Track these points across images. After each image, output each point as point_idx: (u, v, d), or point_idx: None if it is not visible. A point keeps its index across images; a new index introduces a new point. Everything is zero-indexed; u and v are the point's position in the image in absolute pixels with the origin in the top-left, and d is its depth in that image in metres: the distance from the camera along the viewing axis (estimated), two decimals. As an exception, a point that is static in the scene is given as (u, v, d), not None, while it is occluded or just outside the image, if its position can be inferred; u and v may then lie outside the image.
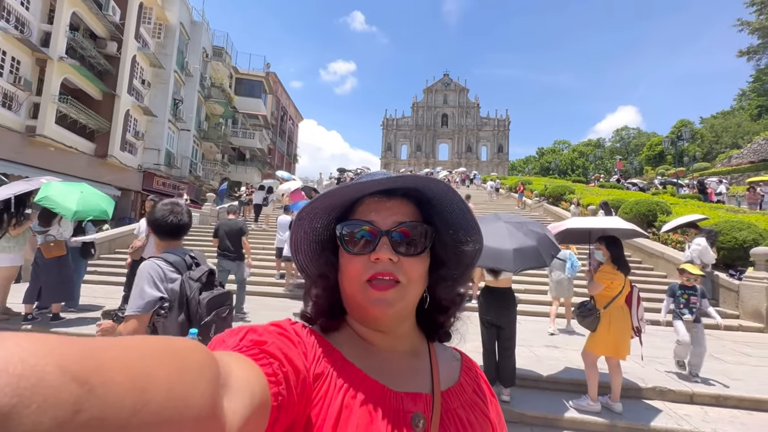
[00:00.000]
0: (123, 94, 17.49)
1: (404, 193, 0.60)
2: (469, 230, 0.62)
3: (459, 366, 0.64)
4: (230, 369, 0.36)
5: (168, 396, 0.26)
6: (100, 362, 0.23)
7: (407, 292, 0.55)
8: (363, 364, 0.53)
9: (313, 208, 0.59)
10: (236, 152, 31.60)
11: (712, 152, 41.80)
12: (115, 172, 17.63)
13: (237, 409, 0.33)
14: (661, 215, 10.67)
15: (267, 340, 0.46)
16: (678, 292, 4.40)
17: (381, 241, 0.55)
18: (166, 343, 0.30)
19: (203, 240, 11.96)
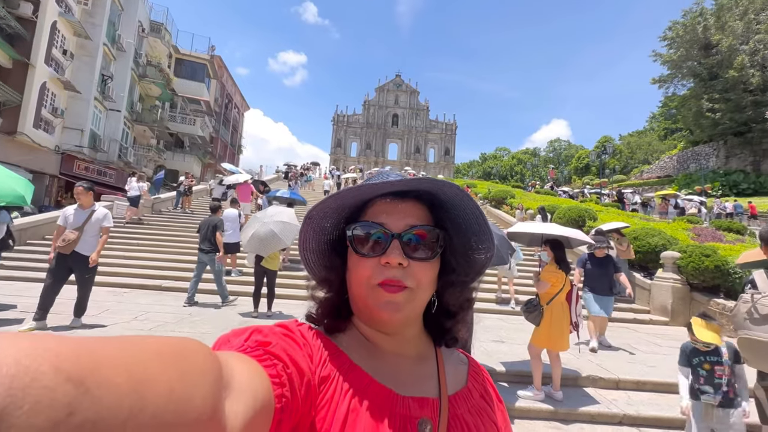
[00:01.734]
0: (39, 64, 15.37)
1: (417, 195, 0.59)
2: (482, 236, 0.61)
3: (466, 370, 0.64)
4: (233, 370, 0.35)
5: (168, 398, 0.25)
6: (97, 362, 0.23)
7: (416, 296, 0.55)
8: (370, 368, 0.53)
9: (323, 208, 0.57)
10: (174, 139, 29.24)
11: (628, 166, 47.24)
12: (26, 152, 15.44)
13: (239, 411, 0.33)
14: (589, 221, 11.83)
15: (272, 341, 0.45)
16: (694, 360, 2.69)
17: (392, 245, 0.54)
18: (168, 343, 0.29)
19: (136, 232, 10.92)
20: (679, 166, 32.19)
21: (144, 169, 23.94)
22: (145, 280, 7.69)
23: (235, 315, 6.00)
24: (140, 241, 10.25)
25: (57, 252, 4.55)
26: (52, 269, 4.57)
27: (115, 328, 4.78)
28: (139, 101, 24.50)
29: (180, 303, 6.42)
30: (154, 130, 25.42)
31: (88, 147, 18.57)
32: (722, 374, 2.56)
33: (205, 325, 5.24)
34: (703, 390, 2.60)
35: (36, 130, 15.69)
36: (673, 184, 28.45)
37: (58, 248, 4.52)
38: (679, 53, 29.74)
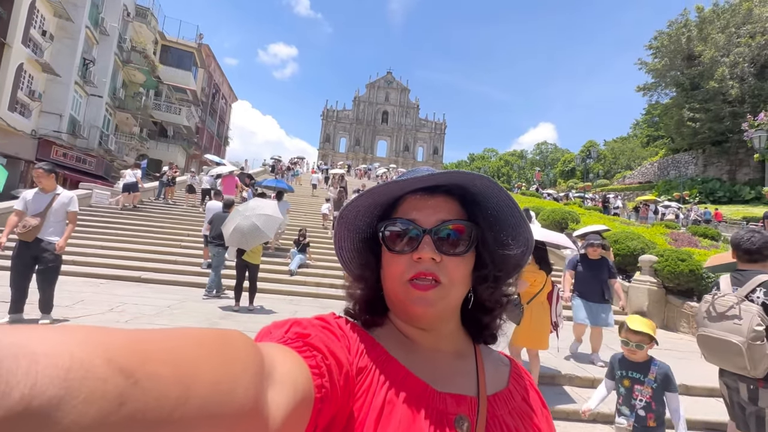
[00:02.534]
0: (16, 44, 14.76)
1: (447, 190, 0.58)
2: (518, 230, 0.60)
3: (508, 371, 0.62)
4: (274, 361, 0.36)
5: (212, 390, 0.26)
6: (146, 354, 0.24)
7: (449, 292, 0.54)
8: (406, 361, 0.52)
9: (355, 206, 0.58)
10: (158, 127, 28.54)
11: (611, 171, 48.35)
12: (1, 136, 14.83)
13: (281, 402, 0.33)
14: (571, 223, 12.07)
15: (311, 333, 0.46)
16: (618, 372, 2.36)
17: (424, 241, 0.54)
18: (212, 334, 0.30)
19: (114, 222, 10.62)
20: (660, 173, 33.11)
21: (126, 158, 23.32)
22: (123, 271, 7.50)
23: (216, 308, 5.91)
24: (119, 231, 9.99)
25: (18, 240, 4.24)
26: (15, 260, 4.25)
27: (89, 319, 4.64)
28: (122, 87, 23.80)
29: (161, 295, 6.29)
30: (138, 117, 24.74)
31: (67, 133, 17.96)
32: (639, 395, 2.21)
33: (184, 318, 5.14)
34: (620, 411, 2.31)
35: (11, 113, 15.09)
36: (654, 189, 29.26)
37: (19, 235, 4.18)
38: (663, 62, 30.48)
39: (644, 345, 2.28)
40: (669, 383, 2.24)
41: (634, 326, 2.29)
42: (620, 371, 2.35)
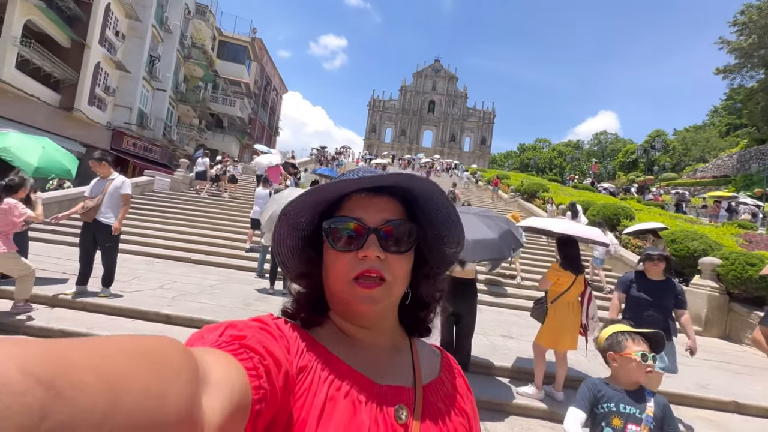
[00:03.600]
0: (94, 45, 16.37)
1: (391, 190, 0.60)
2: (453, 229, 0.63)
3: (439, 362, 0.66)
4: (209, 365, 0.36)
5: (143, 396, 0.25)
6: (68, 364, 0.22)
7: (392, 289, 0.56)
8: (347, 358, 0.54)
9: (299, 203, 0.58)
10: (214, 119, 30.43)
11: (681, 164, 43.83)
12: (81, 127, 16.64)
13: (216, 406, 0.33)
14: (624, 220, 11.18)
15: (247, 334, 0.45)
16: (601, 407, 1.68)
17: (369, 239, 0.55)
18: (141, 341, 0.29)
19: (172, 207, 11.59)
20: (740, 166, 29.40)
21: (186, 147, 25.20)
22: (176, 252, 8.17)
23: (253, 291, 6.27)
24: (176, 214, 10.87)
25: (82, 221, 4.78)
26: (80, 238, 4.84)
27: (142, 294, 5.14)
28: (184, 82, 25.60)
29: (206, 275, 6.79)
30: (197, 110, 26.55)
31: (135, 124, 19.74)
32: None
33: (223, 298, 5.52)
34: None
35: (90, 107, 16.85)
36: (730, 185, 26.12)
37: (80, 216, 4.71)
38: (750, 40, 26.77)
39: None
40: (670, 421, 1.64)
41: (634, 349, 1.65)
42: (606, 405, 1.64)
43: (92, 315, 4.38)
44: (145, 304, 4.66)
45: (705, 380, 4.57)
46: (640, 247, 9.80)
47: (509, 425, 3.34)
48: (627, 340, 1.66)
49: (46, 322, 3.97)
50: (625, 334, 1.69)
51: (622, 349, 1.66)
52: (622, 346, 1.66)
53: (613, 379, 1.73)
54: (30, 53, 13.51)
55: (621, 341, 1.67)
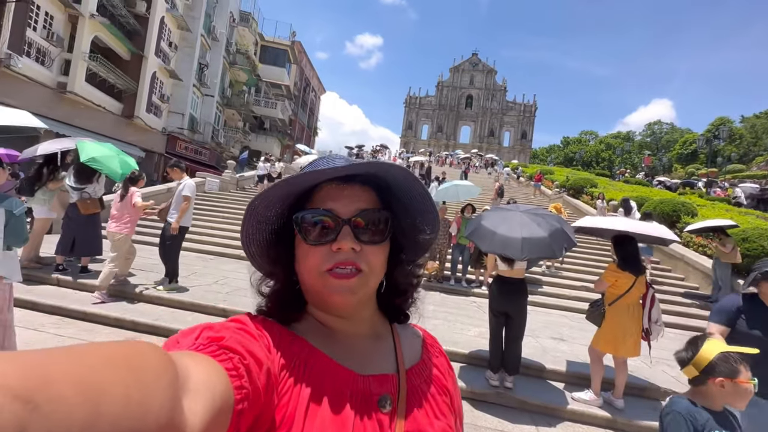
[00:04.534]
0: (150, 56, 17.60)
1: (363, 179, 0.58)
2: (427, 216, 0.62)
3: (421, 343, 0.66)
4: (188, 369, 0.35)
5: (124, 405, 0.25)
6: (45, 377, 0.22)
7: (369, 280, 0.55)
8: (329, 351, 0.53)
9: (267, 197, 0.55)
10: (257, 121, 31.71)
11: (749, 154, 39.78)
12: (140, 133, 18.00)
13: (197, 410, 0.33)
14: (685, 216, 10.34)
15: (224, 335, 0.45)
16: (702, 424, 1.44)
17: (343, 231, 0.54)
18: (118, 349, 0.29)
19: (222, 206, 12.24)
20: (823, 155, 26.19)
21: (232, 150, 26.47)
22: (227, 249, 8.63)
23: (300, 287, 6.49)
24: (225, 214, 11.48)
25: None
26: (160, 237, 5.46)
27: (200, 288, 5.49)
28: (229, 87, 26.87)
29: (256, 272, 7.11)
30: (241, 113, 27.80)
31: (187, 129, 21.03)
32: None
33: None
34: None
35: (148, 114, 18.16)
36: (811, 176, 23.36)
37: (158, 216, 5.36)
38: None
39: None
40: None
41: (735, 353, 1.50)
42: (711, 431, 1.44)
43: (159, 307, 4.74)
44: (203, 299, 4.97)
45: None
46: (704, 246, 9.03)
47: (565, 431, 3.21)
48: (741, 364, 1.46)
49: (121, 313, 4.35)
50: (737, 356, 1.48)
51: (736, 376, 1.44)
52: (737, 372, 1.44)
53: (700, 399, 1.49)
54: (96, 67, 14.77)
55: (736, 367, 1.45)
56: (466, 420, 3.30)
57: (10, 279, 2.71)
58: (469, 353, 4.19)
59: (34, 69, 12.82)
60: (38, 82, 12.96)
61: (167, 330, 4.15)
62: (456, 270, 7.78)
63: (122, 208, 5.03)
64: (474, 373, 3.88)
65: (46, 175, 5.47)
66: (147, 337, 4.10)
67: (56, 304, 4.42)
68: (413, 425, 0.53)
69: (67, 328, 4.06)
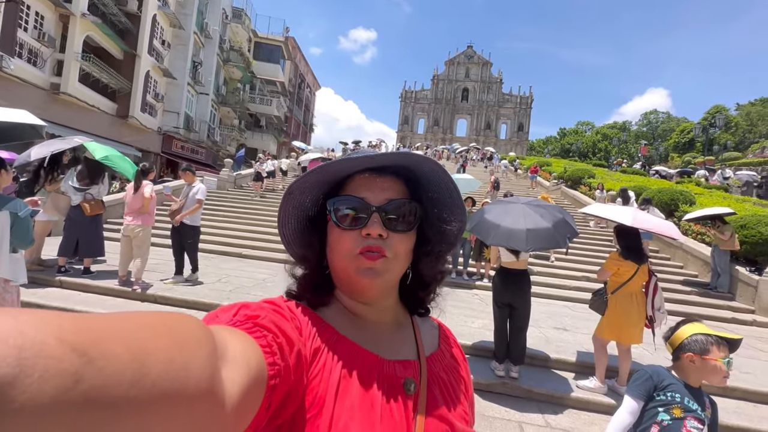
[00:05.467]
0: (143, 54, 17.43)
1: (394, 170, 0.61)
2: (455, 210, 0.64)
3: (437, 334, 0.69)
4: (226, 342, 0.37)
5: (167, 367, 0.26)
6: (99, 334, 0.24)
7: (393, 265, 0.58)
8: (355, 337, 0.56)
9: (303, 183, 0.59)
10: (253, 119, 31.54)
11: (745, 142, 39.93)
12: (136, 133, 17.87)
13: (235, 380, 0.34)
14: (683, 205, 10.40)
15: (260, 314, 0.47)
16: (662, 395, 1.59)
17: (372, 218, 0.57)
18: (163, 317, 0.31)
19: (220, 205, 12.21)
20: (818, 141, 26.31)
21: (228, 148, 26.35)
22: (228, 248, 8.63)
23: (302, 283, 6.50)
24: (224, 213, 11.45)
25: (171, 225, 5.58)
26: (171, 237, 5.65)
27: (203, 287, 5.49)
28: (224, 84, 26.69)
29: (257, 269, 7.12)
30: (237, 111, 27.63)
31: (183, 128, 20.89)
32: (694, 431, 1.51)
33: (276, 291, 5.76)
34: None
35: (143, 114, 18.02)
36: (806, 162, 23.42)
37: (169, 217, 5.52)
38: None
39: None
40: (716, 426, 1.64)
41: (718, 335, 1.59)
42: (671, 393, 1.57)
43: (163, 307, 4.75)
44: (207, 297, 4.98)
45: (788, 377, 4.20)
46: (703, 233, 9.10)
47: (571, 419, 3.25)
48: (713, 345, 1.57)
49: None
50: (710, 338, 1.58)
51: (707, 353, 1.56)
52: (706, 350, 1.56)
53: (677, 372, 1.65)
54: (89, 67, 14.62)
55: (706, 345, 1.57)
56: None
57: (16, 281, 2.71)
58: (474, 345, 4.23)
59: (27, 70, 12.68)
60: (31, 84, 12.82)
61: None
62: (457, 263, 7.82)
63: (135, 202, 5.10)
64: (479, 365, 3.92)
65: (44, 176, 5.47)
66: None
67: (61, 306, 4.42)
68: (434, 409, 0.56)
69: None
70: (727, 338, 1.60)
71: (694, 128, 35.01)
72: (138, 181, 5.14)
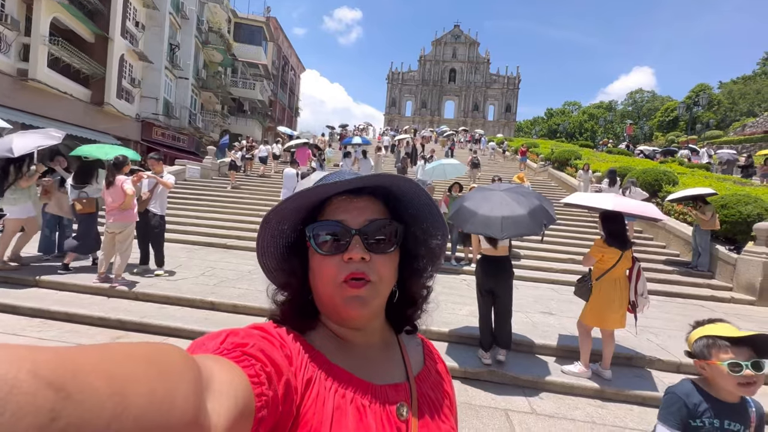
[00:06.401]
0: (116, 37, 16.62)
1: (371, 191, 0.61)
2: (435, 224, 0.64)
3: (422, 351, 0.69)
4: (212, 372, 0.36)
5: (150, 400, 0.25)
6: (76, 368, 0.23)
7: (379, 289, 0.57)
8: (346, 364, 0.56)
9: (280, 210, 0.57)
10: (236, 103, 30.66)
11: (726, 120, 40.57)
12: (113, 121, 17.21)
13: (221, 412, 0.33)
14: (666, 185, 10.54)
15: (248, 342, 0.46)
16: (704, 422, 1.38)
17: (353, 241, 0.56)
18: (144, 347, 0.30)
19: (204, 194, 11.93)
20: (796, 119, 26.84)
21: (211, 134, 25.65)
22: (212, 239, 8.46)
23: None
24: (208, 202, 11.20)
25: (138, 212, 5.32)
26: (137, 227, 5.38)
27: (186, 282, 5.38)
28: (204, 68, 25.74)
29: (243, 261, 7.00)
30: (218, 95, 26.78)
31: (162, 114, 20.19)
32: None
33: (261, 283, 5.65)
34: None
35: (119, 100, 17.32)
36: (785, 140, 23.93)
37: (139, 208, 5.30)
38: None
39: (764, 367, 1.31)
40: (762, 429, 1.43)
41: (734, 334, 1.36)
42: (708, 419, 1.38)
43: (144, 304, 4.63)
44: (191, 292, 4.87)
45: (763, 354, 4.34)
46: (685, 213, 9.26)
47: (556, 404, 3.31)
48: (713, 346, 1.36)
49: (105, 313, 4.23)
50: (709, 339, 1.38)
51: (709, 357, 1.38)
52: (706, 354, 1.38)
53: (705, 384, 1.44)
54: (59, 51, 13.88)
55: (705, 348, 1.38)
56: (461, 399, 3.36)
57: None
58: (461, 333, 4.25)
59: (-10, 56, 11.98)
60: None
61: (156, 327, 4.06)
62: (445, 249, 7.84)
63: (114, 198, 4.83)
64: (466, 353, 3.94)
65: (13, 173, 5.24)
66: (135, 336, 4.02)
67: (37, 306, 4.27)
68: (425, 430, 0.56)
69: (49, 330, 3.94)
70: (745, 337, 1.32)
71: (678, 107, 35.36)
72: (111, 174, 4.89)
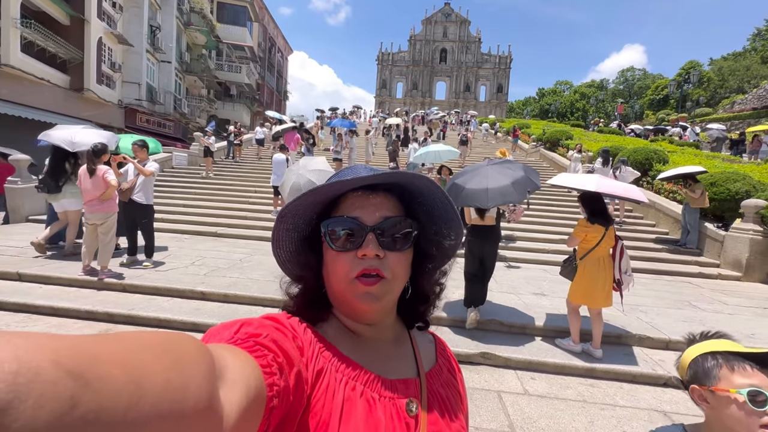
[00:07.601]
0: (93, 19, 15.91)
1: (387, 187, 0.60)
2: (451, 223, 0.63)
3: (434, 348, 0.70)
4: (225, 361, 0.37)
5: (165, 388, 0.26)
6: (95, 357, 0.24)
7: (392, 286, 0.57)
8: (357, 357, 0.56)
9: (296, 206, 0.57)
10: (222, 87, 29.86)
11: (716, 97, 40.67)
12: (94, 107, 16.66)
13: (233, 400, 0.34)
14: (657, 164, 10.58)
15: (262, 332, 0.46)
16: None
17: (367, 238, 0.56)
18: (160, 337, 0.31)
19: (193, 181, 11.70)
20: (784, 95, 26.95)
21: (198, 120, 25.03)
22: (202, 227, 8.34)
23: (281, 261, 6.37)
24: (197, 190, 11.00)
25: (120, 201, 5.15)
26: (120, 216, 5.19)
27: (176, 272, 5.29)
28: (187, 51, 24.90)
29: (233, 249, 6.91)
30: (204, 79, 26.02)
31: (146, 100, 19.58)
32: None
33: (253, 271, 5.62)
34: None
35: (99, 86, 16.72)
36: (773, 116, 24.12)
37: (119, 196, 5.12)
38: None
39: None
40: None
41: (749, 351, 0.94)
42: None
43: (133, 296, 4.55)
44: (180, 282, 4.80)
45: (749, 329, 4.44)
46: (675, 192, 9.33)
47: (548, 384, 3.35)
48: (723, 366, 0.92)
49: (92, 306, 4.15)
50: (720, 356, 0.94)
51: (714, 382, 0.92)
52: (712, 377, 0.92)
53: (708, 430, 0.97)
54: (32, 34, 13.26)
55: (712, 369, 0.93)
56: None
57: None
58: (454, 317, 4.26)
59: (-41, 40, 11.40)
60: (-34, 56, 11.58)
61: (144, 319, 4.00)
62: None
63: (95, 188, 4.68)
64: (459, 337, 3.96)
65: (69, 168, 5.50)
66: (123, 328, 3.95)
67: (21, 301, 4.17)
68: (434, 427, 0.56)
69: (35, 325, 3.86)
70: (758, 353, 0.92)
71: (669, 85, 35.32)
72: (91, 162, 4.71)
